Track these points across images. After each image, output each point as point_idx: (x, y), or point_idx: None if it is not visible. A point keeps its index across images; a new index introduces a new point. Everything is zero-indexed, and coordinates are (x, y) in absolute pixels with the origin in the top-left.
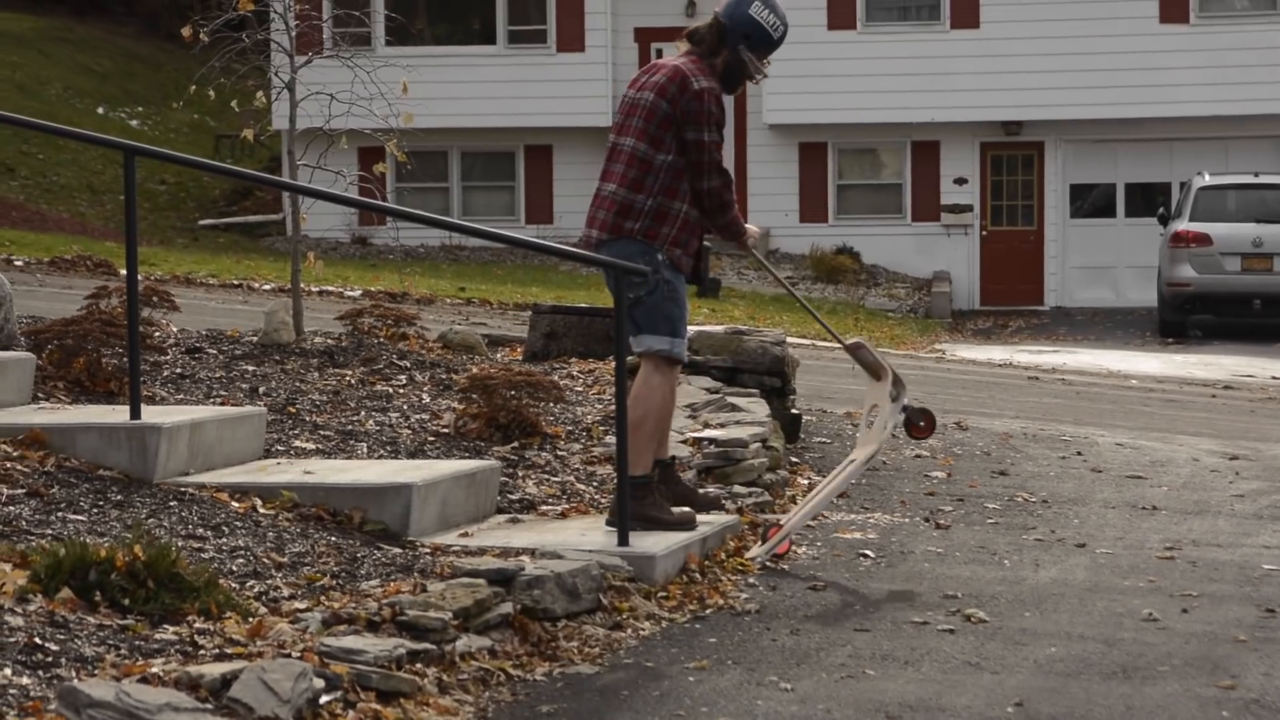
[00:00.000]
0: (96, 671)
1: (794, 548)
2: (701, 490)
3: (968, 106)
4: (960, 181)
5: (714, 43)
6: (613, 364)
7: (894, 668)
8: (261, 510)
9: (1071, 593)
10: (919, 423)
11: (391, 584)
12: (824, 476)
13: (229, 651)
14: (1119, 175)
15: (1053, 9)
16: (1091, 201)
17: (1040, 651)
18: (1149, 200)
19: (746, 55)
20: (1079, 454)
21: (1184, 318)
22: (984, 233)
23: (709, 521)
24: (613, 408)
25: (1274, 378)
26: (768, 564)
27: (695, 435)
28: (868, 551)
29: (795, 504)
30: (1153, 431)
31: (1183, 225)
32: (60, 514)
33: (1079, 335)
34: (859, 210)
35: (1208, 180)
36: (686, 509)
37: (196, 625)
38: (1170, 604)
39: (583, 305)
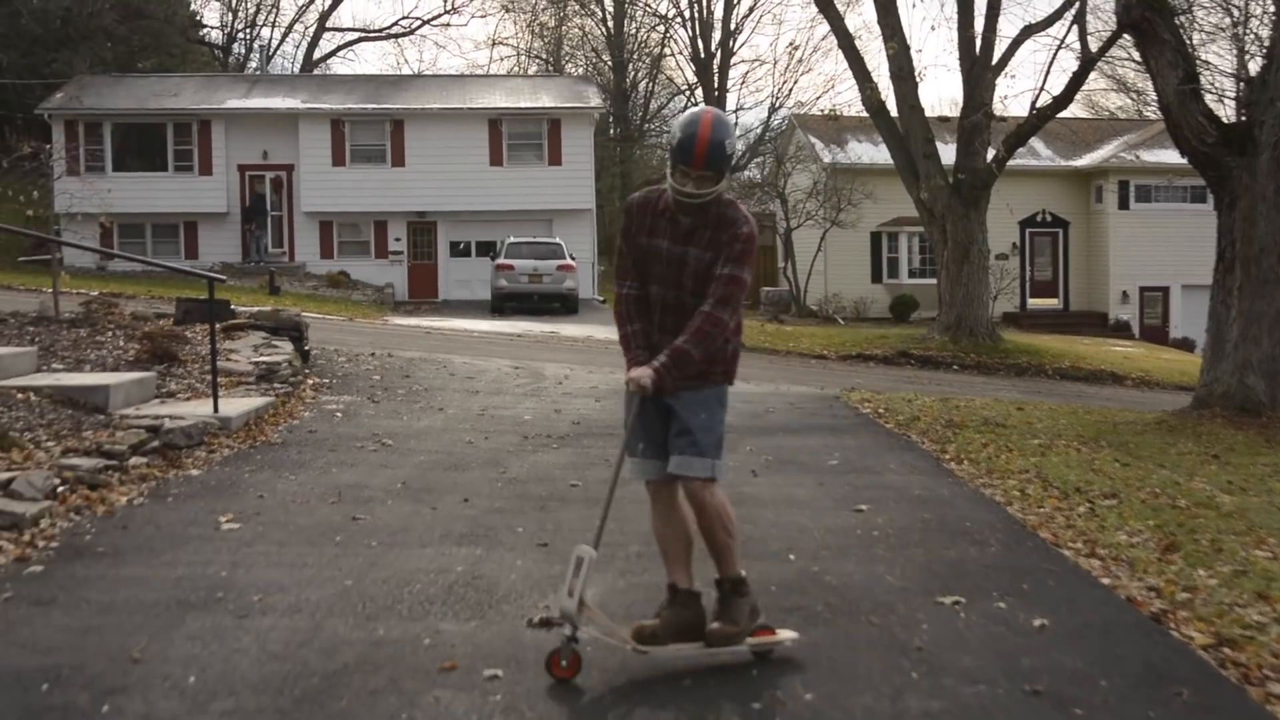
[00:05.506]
0: None
1: (302, 415)
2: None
3: (405, 203)
4: (398, 239)
5: None
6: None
7: (345, 468)
8: (33, 399)
9: (434, 431)
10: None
11: (100, 432)
12: (328, 379)
13: (12, 468)
14: (481, 237)
15: (458, 152)
16: (466, 248)
17: (417, 459)
18: (487, 248)
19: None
20: (445, 367)
21: (503, 305)
22: (409, 264)
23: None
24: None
25: (542, 333)
26: (280, 426)
27: (253, 360)
28: (338, 413)
29: (302, 393)
30: (480, 356)
31: (501, 260)
32: None
33: (454, 313)
34: (351, 254)
35: (513, 239)
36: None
37: None
38: (479, 436)
39: (203, 298)
